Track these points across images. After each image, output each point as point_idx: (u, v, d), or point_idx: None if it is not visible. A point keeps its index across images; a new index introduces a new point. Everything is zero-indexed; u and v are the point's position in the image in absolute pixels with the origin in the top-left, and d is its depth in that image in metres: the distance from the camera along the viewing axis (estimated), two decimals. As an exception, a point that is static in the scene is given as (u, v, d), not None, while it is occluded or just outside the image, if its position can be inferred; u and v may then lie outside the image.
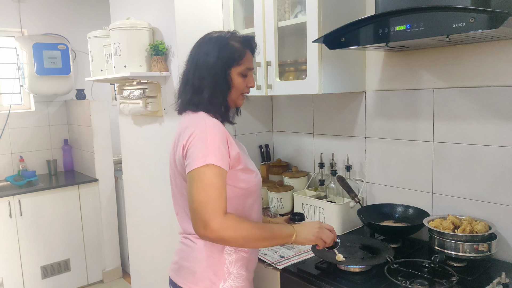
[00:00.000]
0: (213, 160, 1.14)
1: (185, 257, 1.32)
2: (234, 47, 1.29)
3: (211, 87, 1.27)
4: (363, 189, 1.94)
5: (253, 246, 1.29)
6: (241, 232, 1.15)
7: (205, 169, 1.13)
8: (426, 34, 1.21)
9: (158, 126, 2.20)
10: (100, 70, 2.34)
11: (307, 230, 1.29)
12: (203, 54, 1.29)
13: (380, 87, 1.83)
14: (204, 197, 1.12)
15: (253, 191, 1.32)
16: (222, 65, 1.27)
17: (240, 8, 2.07)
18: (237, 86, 1.31)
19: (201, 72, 1.27)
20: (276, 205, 2.07)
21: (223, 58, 1.27)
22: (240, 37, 1.33)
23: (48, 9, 3.66)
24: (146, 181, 2.38)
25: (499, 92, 1.46)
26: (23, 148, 3.62)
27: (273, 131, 2.44)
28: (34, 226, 3.17)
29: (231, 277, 1.29)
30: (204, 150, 1.15)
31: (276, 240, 1.25)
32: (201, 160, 1.14)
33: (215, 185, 1.13)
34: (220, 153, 1.17)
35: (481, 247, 1.37)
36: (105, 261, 3.59)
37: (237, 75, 1.30)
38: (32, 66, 3.37)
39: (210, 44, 1.29)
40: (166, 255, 2.20)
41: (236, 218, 1.17)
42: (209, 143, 1.16)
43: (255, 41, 1.36)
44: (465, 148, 1.57)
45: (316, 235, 1.29)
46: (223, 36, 1.31)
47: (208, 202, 1.12)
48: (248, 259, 1.34)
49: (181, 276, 1.31)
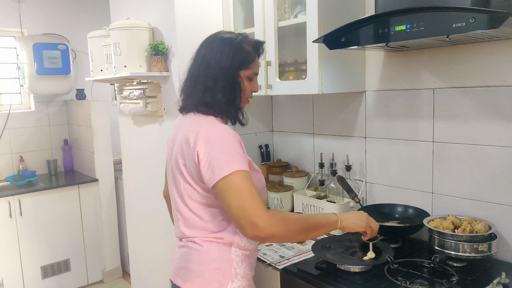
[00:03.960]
0: (238, 167, 1.14)
1: (192, 260, 1.28)
2: (247, 50, 1.29)
3: (226, 89, 1.26)
4: (363, 189, 1.94)
5: (303, 238, 1.30)
6: (290, 225, 1.17)
7: (231, 177, 1.14)
8: (426, 34, 1.21)
9: (158, 126, 2.20)
10: (100, 70, 2.34)
11: (354, 216, 1.34)
12: (216, 54, 1.26)
13: (380, 87, 1.83)
14: (242, 202, 1.12)
15: (260, 192, 1.30)
16: (236, 68, 1.27)
17: (240, 8, 2.07)
18: (245, 90, 1.31)
19: (214, 73, 1.25)
20: (276, 205, 2.07)
21: (237, 61, 1.26)
22: (252, 41, 1.32)
23: (48, 9, 3.66)
24: (146, 181, 2.39)
25: (499, 92, 1.46)
26: (23, 148, 3.62)
27: (273, 131, 2.44)
28: (34, 226, 3.17)
29: (238, 277, 1.28)
30: (227, 158, 1.15)
31: (323, 229, 1.28)
32: (226, 169, 1.14)
33: (247, 187, 1.14)
34: (241, 157, 1.17)
35: (481, 247, 1.37)
36: (105, 261, 3.59)
37: (245, 78, 1.30)
38: (32, 66, 3.37)
39: (222, 45, 1.27)
40: (166, 255, 2.20)
41: (280, 212, 1.20)
42: (230, 151, 1.16)
43: (263, 46, 1.36)
44: (465, 148, 1.57)
45: (366, 222, 1.34)
46: (235, 38, 1.29)
47: (247, 204, 1.12)
48: (252, 258, 1.34)
49: (189, 280, 1.28)
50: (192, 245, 1.29)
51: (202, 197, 1.24)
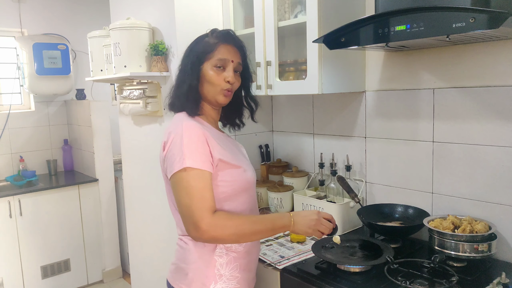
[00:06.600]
0: (190, 163, 1.14)
1: (180, 258, 1.33)
2: (207, 42, 1.29)
3: (182, 81, 1.30)
4: (363, 189, 1.94)
5: (248, 240, 1.26)
6: (232, 229, 1.15)
7: (183, 174, 1.14)
8: (426, 34, 1.21)
9: (158, 126, 2.20)
10: (100, 70, 2.34)
11: (303, 221, 1.25)
12: (183, 56, 1.34)
13: (380, 87, 1.83)
14: (188, 201, 1.13)
15: (243, 188, 1.29)
16: (192, 60, 1.28)
17: (240, 8, 2.07)
18: (211, 80, 1.27)
19: (179, 73, 1.32)
20: (276, 205, 2.07)
21: (194, 53, 1.29)
22: (217, 32, 1.32)
23: (48, 9, 3.66)
24: (146, 181, 2.38)
25: (499, 92, 1.46)
26: (23, 148, 3.62)
27: (273, 131, 2.44)
28: (34, 226, 3.17)
29: (223, 279, 1.28)
30: (181, 154, 1.15)
31: (272, 232, 1.23)
32: (178, 165, 1.15)
33: (196, 187, 1.14)
34: (199, 154, 1.16)
35: (481, 247, 1.37)
36: (105, 261, 3.59)
37: (210, 68, 1.27)
38: (32, 66, 3.37)
39: (188, 46, 1.34)
40: (166, 255, 2.20)
41: (225, 215, 1.17)
42: (185, 147, 1.16)
43: (232, 33, 1.33)
44: (465, 148, 1.57)
45: (313, 228, 1.26)
46: (202, 35, 1.34)
47: (192, 204, 1.13)
48: (243, 260, 1.32)
49: (176, 277, 1.32)
50: (181, 243, 1.34)
51: None
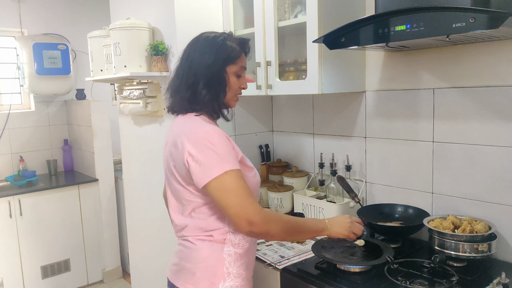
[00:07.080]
0: (230, 166, 1.16)
1: (185, 258, 1.31)
2: (232, 46, 1.30)
3: (210, 86, 1.28)
4: (363, 189, 1.94)
5: (292, 238, 1.37)
6: (282, 225, 1.21)
7: (225, 177, 1.15)
8: (426, 34, 1.21)
9: (158, 126, 2.20)
10: (100, 70, 2.34)
11: (339, 224, 1.36)
12: (199, 52, 1.29)
13: (380, 87, 1.83)
14: (238, 200, 1.15)
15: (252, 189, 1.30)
16: (220, 65, 1.28)
17: (240, 8, 2.07)
18: (232, 86, 1.31)
19: (198, 71, 1.27)
20: (276, 205, 2.07)
21: (220, 58, 1.28)
22: (236, 38, 1.34)
23: (48, 9, 3.66)
24: (146, 181, 2.39)
25: (499, 92, 1.46)
26: (23, 148, 3.62)
27: (273, 131, 2.44)
28: (34, 226, 3.17)
29: (231, 277, 1.29)
30: (217, 158, 1.16)
31: (312, 233, 1.36)
32: (217, 169, 1.15)
33: (243, 186, 1.16)
34: (231, 156, 1.19)
35: (481, 247, 1.37)
36: (105, 261, 3.59)
37: (232, 74, 1.31)
38: (32, 66, 3.37)
39: (205, 43, 1.30)
40: (166, 255, 2.20)
41: (273, 212, 1.23)
42: (219, 150, 1.17)
43: (249, 44, 1.38)
44: (465, 148, 1.57)
45: (349, 230, 1.37)
46: (218, 36, 1.32)
47: (244, 202, 1.15)
48: (247, 258, 1.34)
49: (180, 277, 1.31)
50: (186, 243, 1.32)
51: (195, 196, 1.26)
